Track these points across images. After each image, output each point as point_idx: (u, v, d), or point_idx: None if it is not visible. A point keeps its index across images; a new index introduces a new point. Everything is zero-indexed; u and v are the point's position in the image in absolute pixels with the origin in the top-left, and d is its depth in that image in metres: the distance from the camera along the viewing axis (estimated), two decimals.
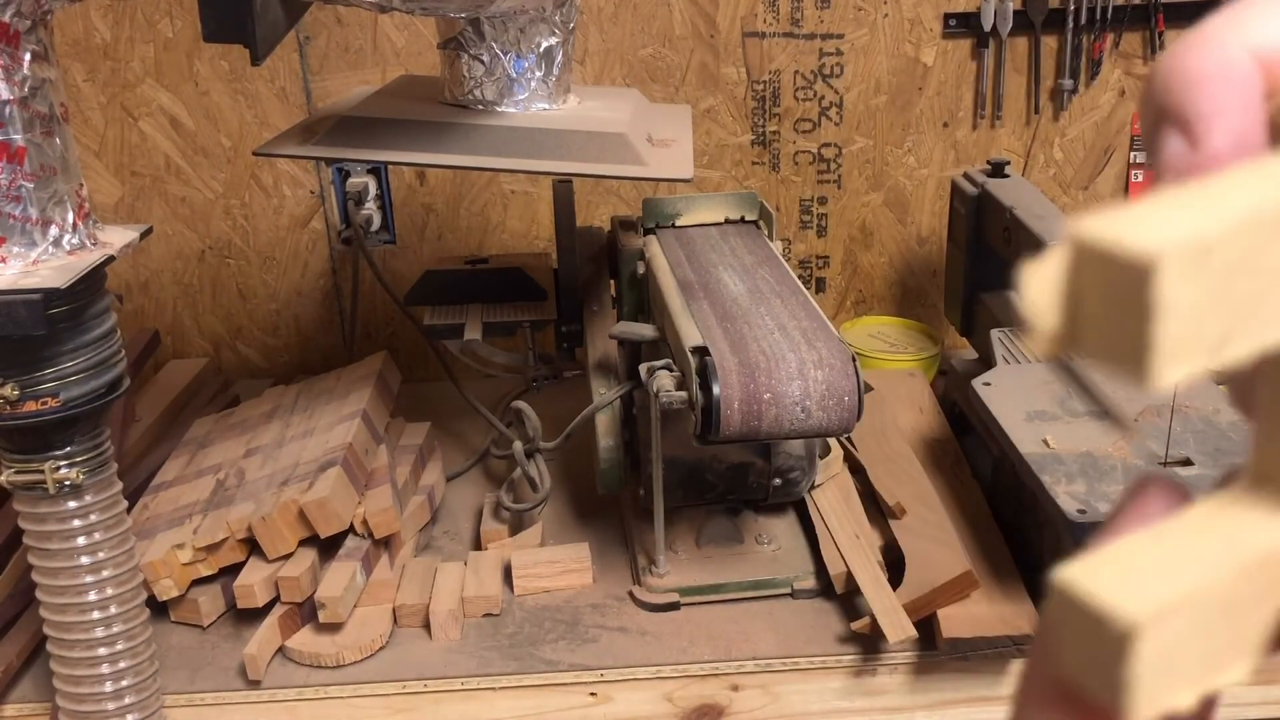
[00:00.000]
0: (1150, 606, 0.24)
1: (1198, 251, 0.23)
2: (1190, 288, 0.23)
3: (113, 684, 1.16)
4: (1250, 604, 0.26)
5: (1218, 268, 0.24)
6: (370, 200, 1.73)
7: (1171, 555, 0.26)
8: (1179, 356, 0.24)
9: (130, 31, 1.91)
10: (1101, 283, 0.24)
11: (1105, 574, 0.26)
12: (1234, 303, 0.24)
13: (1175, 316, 0.23)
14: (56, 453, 1.10)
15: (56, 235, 1.06)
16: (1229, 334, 0.24)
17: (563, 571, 1.45)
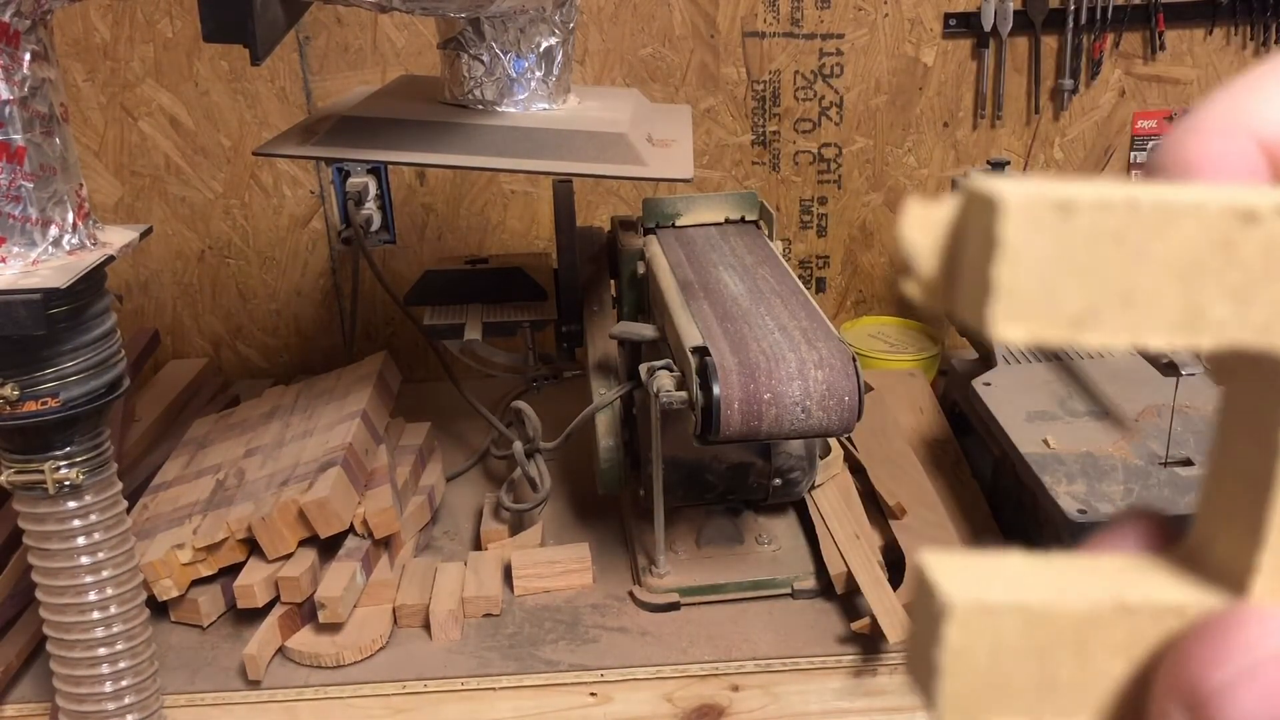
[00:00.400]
0: (975, 598, 0.24)
1: (1057, 207, 0.23)
2: (1041, 240, 0.23)
3: (112, 684, 1.16)
4: (1104, 652, 0.25)
5: (1081, 233, 0.23)
6: (370, 200, 1.73)
7: (1044, 576, 0.25)
8: (1022, 313, 0.23)
9: (130, 31, 1.91)
10: (973, 230, 0.24)
11: (967, 568, 0.25)
12: (1104, 280, 0.23)
13: (1019, 266, 0.23)
14: (56, 453, 1.09)
15: (56, 235, 1.06)
16: (1093, 311, 0.24)
17: (563, 572, 1.45)
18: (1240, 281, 0.23)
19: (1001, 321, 0.23)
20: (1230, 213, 0.23)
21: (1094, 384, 1.47)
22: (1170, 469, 1.30)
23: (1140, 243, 0.23)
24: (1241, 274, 0.23)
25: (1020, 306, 0.23)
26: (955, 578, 0.25)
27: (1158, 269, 0.23)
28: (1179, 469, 1.30)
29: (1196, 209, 0.23)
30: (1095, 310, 0.24)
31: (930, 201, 0.25)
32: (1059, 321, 0.24)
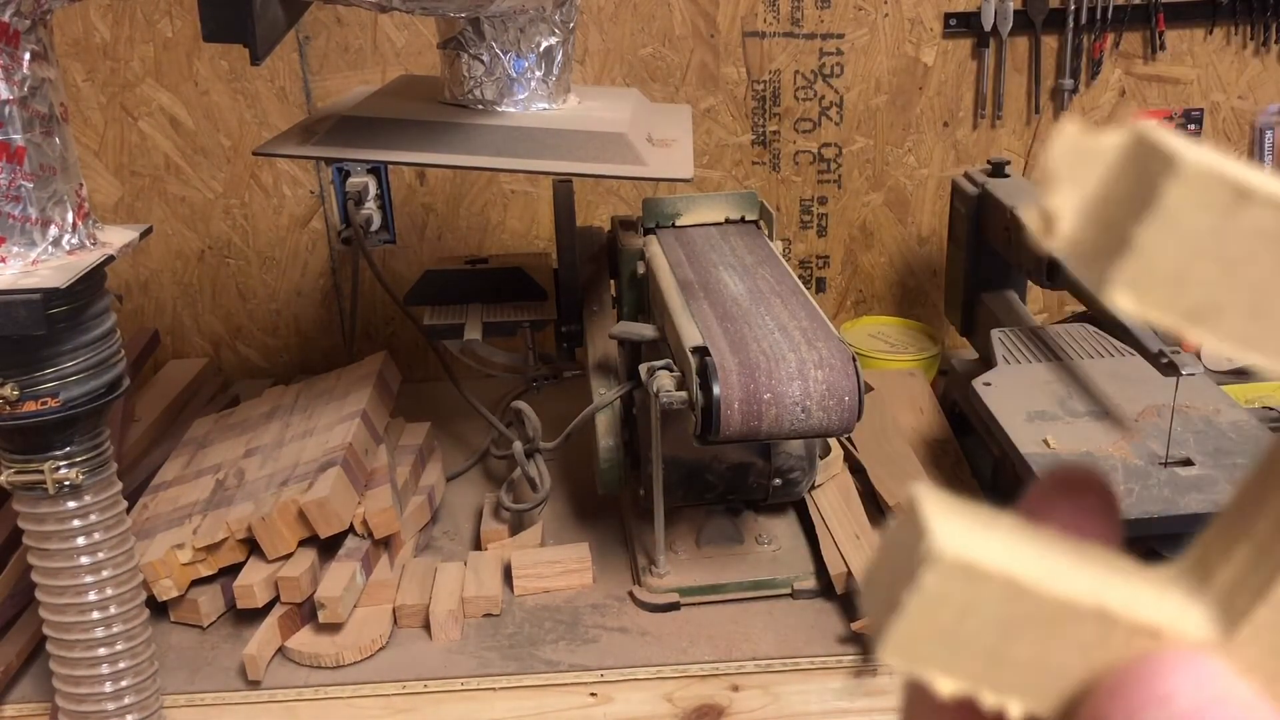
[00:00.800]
0: (965, 556, 0.23)
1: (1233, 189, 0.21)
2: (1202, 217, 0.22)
3: (112, 684, 1.16)
4: (1067, 646, 0.24)
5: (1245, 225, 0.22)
6: (370, 200, 1.73)
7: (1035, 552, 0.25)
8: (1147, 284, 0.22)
9: (130, 31, 1.91)
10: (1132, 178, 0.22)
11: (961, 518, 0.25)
12: (1243, 281, 0.22)
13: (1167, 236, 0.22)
14: (56, 453, 1.09)
15: (56, 235, 1.06)
16: (1216, 309, 0.22)
17: (563, 572, 1.45)
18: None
19: (1121, 286, 0.22)
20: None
21: (1094, 384, 1.47)
22: (1170, 469, 1.30)
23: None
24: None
25: (1147, 277, 0.22)
26: (949, 525, 0.24)
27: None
28: (1179, 469, 1.30)
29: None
30: (1219, 308, 0.22)
31: (1091, 129, 0.23)
32: (1177, 307, 0.22)
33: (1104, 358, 1.53)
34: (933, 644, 0.24)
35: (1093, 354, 1.54)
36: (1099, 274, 0.22)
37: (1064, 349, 1.56)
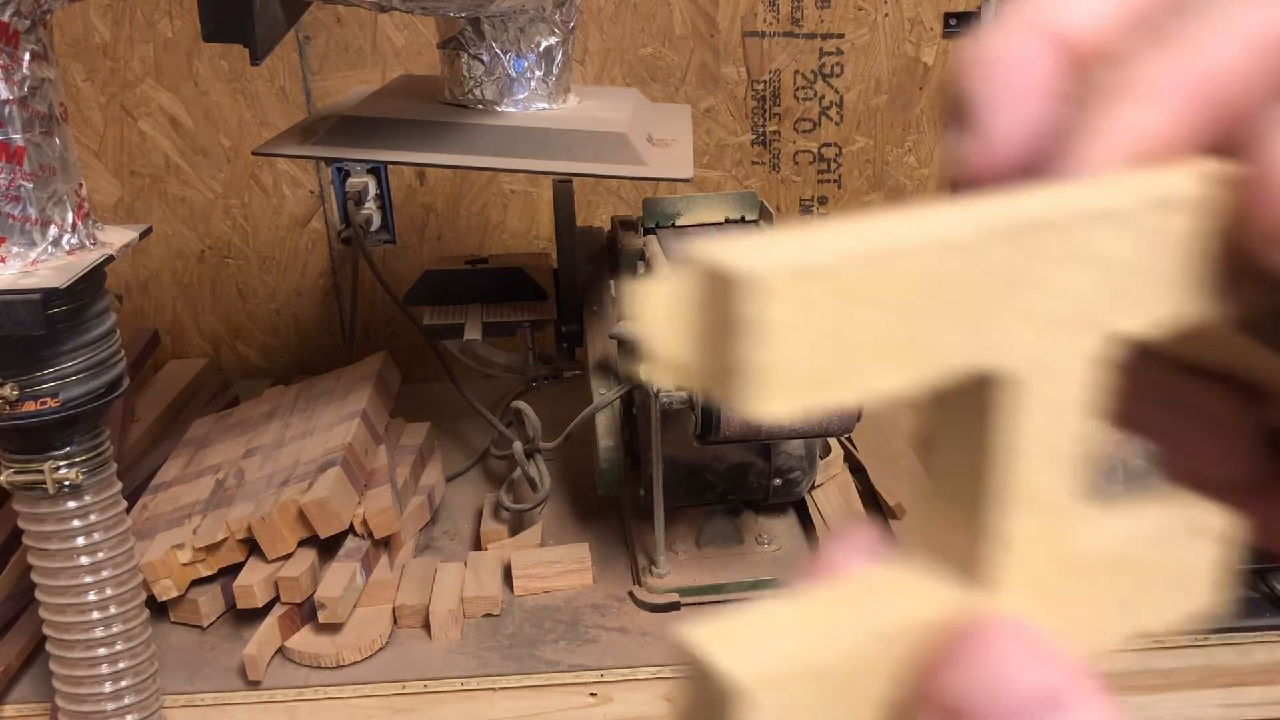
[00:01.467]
0: (759, 668, 0.23)
1: (792, 277, 0.22)
2: (784, 311, 0.22)
3: (112, 684, 1.16)
4: (868, 678, 0.25)
5: (816, 295, 0.22)
6: (370, 200, 1.73)
7: (811, 623, 0.25)
8: (775, 388, 0.22)
9: (130, 31, 1.91)
10: (716, 306, 0.22)
11: (726, 633, 0.24)
12: (838, 338, 0.23)
13: (777, 343, 0.22)
14: (56, 453, 1.09)
15: (56, 235, 1.06)
16: (832, 370, 0.23)
17: (563, 572, 1.45)
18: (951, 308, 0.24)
19: (758, 400, 0.22)
20: (939, 247, 0.23)
21: None
22: None
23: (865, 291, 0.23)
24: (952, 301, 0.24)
25: (770, 380, 0.22)
26: (732, 650, 0.23)
27: (882, 312, 0.23)
28: None
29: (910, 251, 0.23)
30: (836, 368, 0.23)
31: (664, 278, 0.23)
32: (806, 388, 0.23)
33: None
34: None
35: None
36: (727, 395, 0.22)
37: None
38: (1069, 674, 0.24)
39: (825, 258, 0.22)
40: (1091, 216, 0.25)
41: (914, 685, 0.25)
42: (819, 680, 0.24)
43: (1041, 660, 0.24)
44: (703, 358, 0.23)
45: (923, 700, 0.24)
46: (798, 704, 0.23)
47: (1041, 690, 0.24)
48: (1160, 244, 0.25)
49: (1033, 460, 0.25)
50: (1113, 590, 0.28)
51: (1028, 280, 0.24)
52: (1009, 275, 0.24)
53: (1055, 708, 0.23)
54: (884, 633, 0.25)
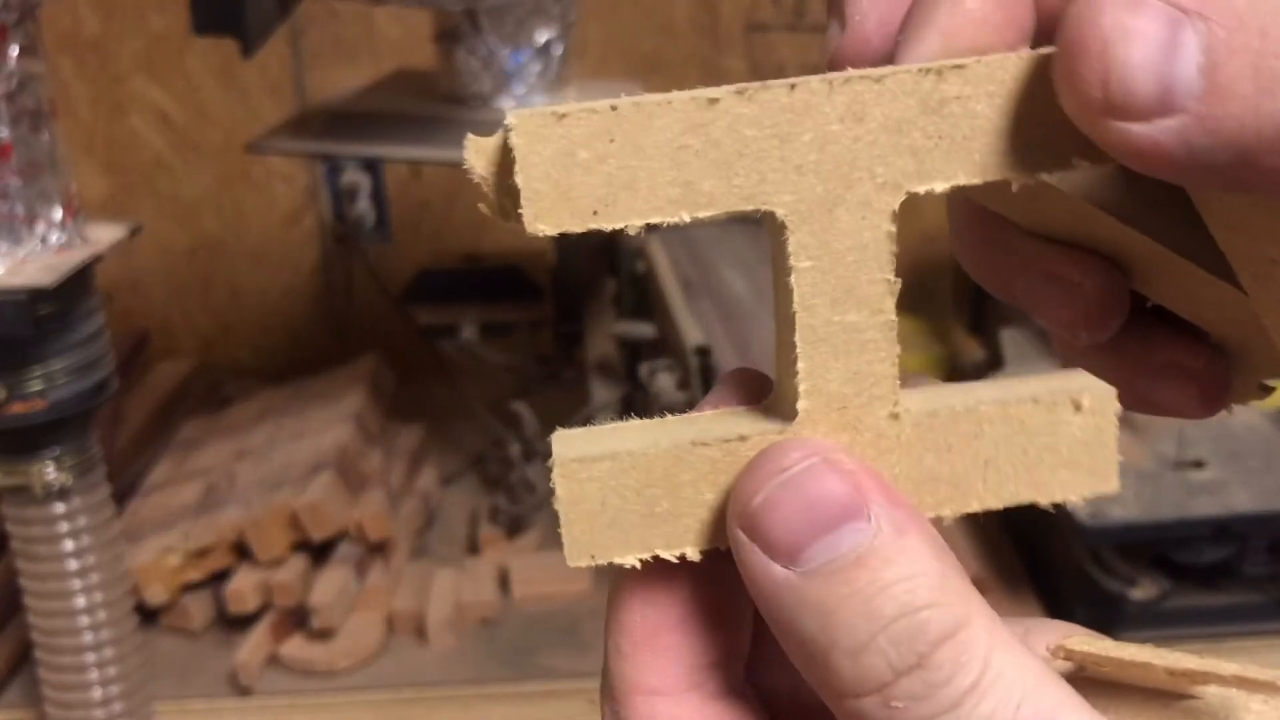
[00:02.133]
0: (576, 454, 0.29)
1: (553, 117, 0.27)
2: (545, 147, 0.27)
3: (101, 691, 1.14)
4: (692, 484, 0.30)
5: (578, 136, 0.27)
6: (364, 197, 1.71)
7: (642, 433, 0.30)
8: (547, 211, 0.28)
9: (119, 24, 1.89)
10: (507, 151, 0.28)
11: (581, 437, 0.30)
12: (608, 173, 0.28)
13: (535, 172, 0.27)
14: (43, 455, 1.08)
15: (44, 233, 1.04)
16: (607, 201, 0.28)
17: (561, 576, 1.43)
18: (719, 157, 0.28)
19: (532, 221, 0.28)
20: (694, 101, 0.28)
21: None
22: (1181, 472, 1.28)
23: (630, 138, 0.28)
24: (718, 151, 0.28)
25: (542, 206, 0.28)
26: (567, 443, 0.30)
27: (653, 158, 0.28)
28: (1190, 471, 1.28)
29: (667, 103, 0.28)
30: (609, 200, 0.28)
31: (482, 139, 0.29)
32: (581, 214, 0.28)
33: None
34: (597, 534, 0.29)
35: None
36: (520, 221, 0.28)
37: None
38: (866, 485, 0.27)
39: (584, 109, 0.28)
40: (856, 79, 0.28)
41: (730, 497, 0.29)
42: (629, 468, 0.29)
43: (835, 472, 0.28)
44: (503, 193, 0.29)
45: (731, 514, 0.29)
46: (611, 485, 0.29)
47: (831, 497, 0.27)
48: (943, 111, 0.29)
49: (821, 299, 0.29)
50: (965, 450, 0.31)
51: (795, 135, 0.28)
52: (776, 131, 0.28)
53: (844, 515, 0.27)
54: (693, 441, 0.30)
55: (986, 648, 0.27)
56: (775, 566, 0.27)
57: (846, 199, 0.29)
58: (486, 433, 1.70)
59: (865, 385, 0.30)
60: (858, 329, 0.29)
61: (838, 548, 0.27)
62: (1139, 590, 1.23)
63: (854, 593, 0.26)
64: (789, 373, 0.30)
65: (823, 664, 0.27)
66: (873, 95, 0.28)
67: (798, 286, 0.29)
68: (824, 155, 0.28)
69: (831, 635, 0.27)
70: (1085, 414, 0.31)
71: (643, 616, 0.30)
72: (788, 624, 0.27)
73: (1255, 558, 1.27)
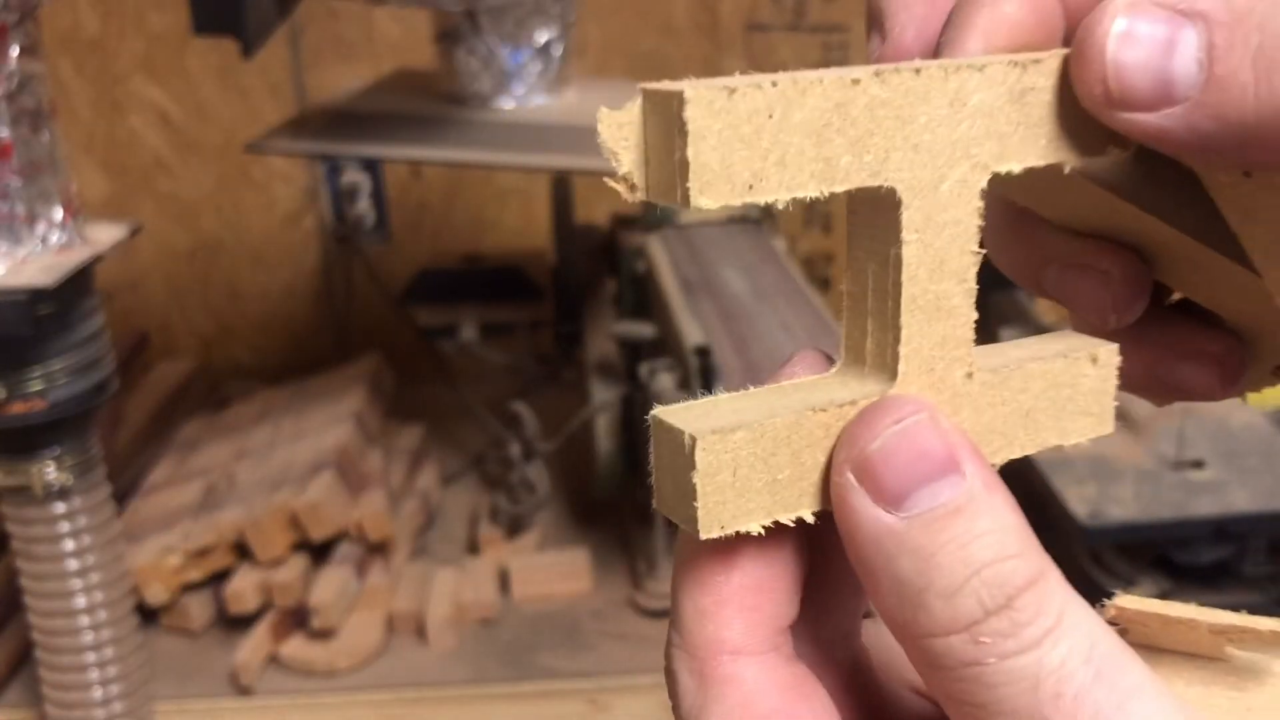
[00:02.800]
0: (710, 426, 0.29)
1: (724, 91, 0.28)
2: (717, 122, 0.28)
3: (102, 690, 1.14)
4: (807, 449, 0.31)
5: (743, 111, 0.28)
6: (364, 197, 1.71)
7: (749, 404, 0.31)
8: (709, 186, 0.28)
9: (119, 25, 1.89)
10: (659, 125, 0.29)
11: (690, 412, 0.31)
12: (764, 148, 0.29)
13: (705, 145, 0.28)
14: (44, 455, 1.07)
15: (44, 233, 1.04)
16: (760, 176, 0.29)
17: (561, 577, 1.43)
18: (855, 135, 0.30)
19: (697, 195, 0.28)
20: (840, 80, 0.29)
21: None
22: (1181, 471, 1.28)
23: (786, 114, 0.29)
24: (855, 129, 0.30)
25: (707, 180, 0.28)
26: (687, 419, 0.30)
27: (801, 134, 0.29)
28: (1190, 471, 1.28)
29: (819, 81, 0.29)
30: (762, 174, 0.29)
31: (618, 111, 0.29)
32: (738, 189, 0.29)
33: None
34: (727, 506, 0.30)
35: None
36: (675, 196, 0.28)
37: None
38: (960, 443, 0.30)
39: (756, 80, 0.28)
40: (964, 67, 0.31)
41: (837, 448, 0.31)
42: (758, 437, 0.30)
43: (936, 428, 0.30)
44: (652, 168, 0.29)
45: (842, 460, 0.30)
46: (742, 455, 0.30)
47: (934, 451, 0.30)
48: (1024, 100, 0.32)
49: (923, 270, 0.31)
50: (1007, 405, 0.34)
51: (914, 117, 0.30)
52: (899, 112, 0.30)
53: (945, 468, 0.29)
54: (809, 407, 0.31)
55: (1062, 597, 0.30)
56: (879, 511, 0.29)
57: (949, 177, 0.31)
58: (486, 433, 1.69)
59: (950, 348, 0.33)
60: (948, 297, 0.32)
61: (938, 497, 0.29)
62: (1139, 590, 1.23)
63: (951, 539, 0.29)
64: (882, 339, 0.32)
65: (915, 604, 0.29)
66: (975, 82, 0.31)
67: (906, 258, 0.31)
68: (935, 136, 0.31)
69: (928, 577, 0.29)
70: (1099, 366, 0.35)
71: (726, 577, 0.32)
72: (883, 566, 0.30)
73: (1254, 557, 1.27)
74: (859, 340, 0.33)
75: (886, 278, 0.32)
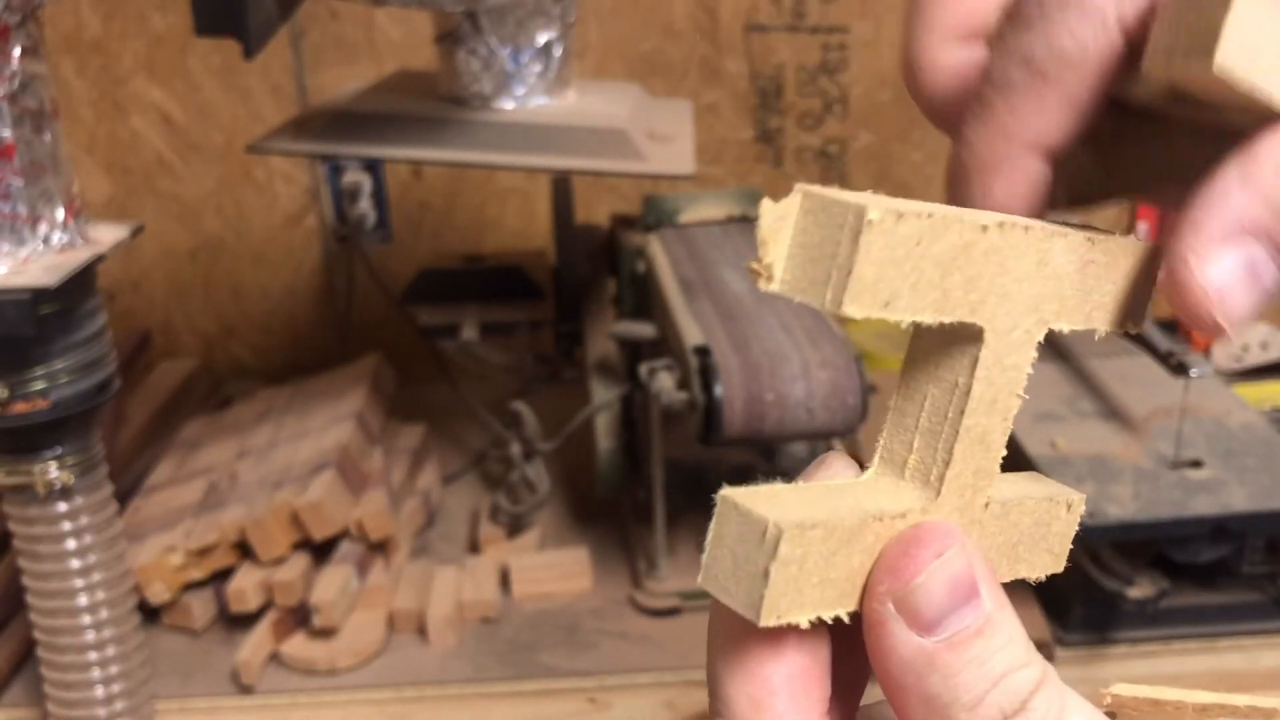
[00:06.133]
0: (794, 519, 0.31)
1: (892, 214, 0.30)
2: (882, 240, 0.30)
3: (104, 689, 1.14)
4: (860, 553, 0.33)
5: (905, 235, 0.30)
6: (365, 197, 1.71)
7: (813, 499, 0.33)
8: (861, 298, 0.30)
9: (121, 25, 1.89)
10: (820, 227, 0.31)
11: (762, 498, 0.32)
12: (905, 271, 0.31)
13: (869, 261, 0.30)
14: (46, 454, 1.08)
15: (46, 233, 1.05)
16: (895, 295, 0.31)
17: (561, 576, 1.43)
18: (971, 274, 0.32)
19: (849, 303, 0.30)
20: (974, 224, 0.32)
21: (1102, 384, 1.46)
22: (1179, 471, 1.28)
23: (928, 244, 0.31)
24: (971, 269, 0.32)
25: (859, 291, 0.30)
26: (763, 505, 0.32)
27: (933, 265, 0.31)
28: (1188, 471, 1.28)
29: (960, 220, 0.32)
30: (896, 295, 0.31)
31: (778, 204, 0.31)
32: (877, 304, 0.31)
33: (1112, 358, 1.52)
34: (789, 596, 0.32)
35: (1101, 354, 1.53)
36: (830, 301, 0.30)
37: (1072, 349, 1.54)
38: (981, 569, 0.33)
39: (911, 208, 0.30)
40: (1055, 234, 0.34)
41: (878, 564, 0.33)
42: (828, 536, 0.32)
43: (966, 558, 0.33)
44: (797, 264, 0.31)
45: (884, 590, 0.33)
46: (812, 551, 0.31)
47: (964, 580, 0.32)
48: (1085, 271, 0.35)
49: (982, 405, 0.34)
50: (1004, 534, 0.37)
51: (1011, 269, 0.33)
52: (1003, 262, 0.33)
53: (969, 594, 0.32)
54: (869, 514, 0.33)
55: (1061, 694, 0.33)
56: (913, 635, 0.32)
57: (1020, 326, 0.34)
58: (487, 432, 1.70)
59: (981, 478, 0.36)
60: (992, 432, 0.35)
61: (964, 620, 0.32)
62: (1136, 589, 1.23)
63: (974, 658, 0.32)
64: (933, 459, 0.35)
65: (942, 717, 0.32)
66: (1059, 247, 0.34)
67: (974, 392, 0.34)
68: (1020, 289, 0.34)
69: (955, 693, 0.32)
70: (1070, 513, 0.39)
71: (775, 667, 0.34)
72: (913, 684, 0.32)
73: (1253, 557, 1.28)
74: (899, 452, 0.36)
75: (947, 404, 0.34)
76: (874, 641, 0.33)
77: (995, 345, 0.34)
